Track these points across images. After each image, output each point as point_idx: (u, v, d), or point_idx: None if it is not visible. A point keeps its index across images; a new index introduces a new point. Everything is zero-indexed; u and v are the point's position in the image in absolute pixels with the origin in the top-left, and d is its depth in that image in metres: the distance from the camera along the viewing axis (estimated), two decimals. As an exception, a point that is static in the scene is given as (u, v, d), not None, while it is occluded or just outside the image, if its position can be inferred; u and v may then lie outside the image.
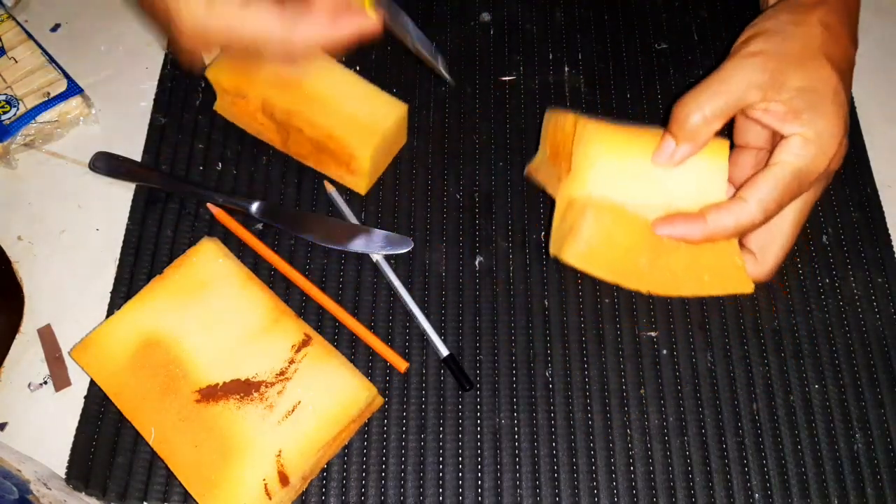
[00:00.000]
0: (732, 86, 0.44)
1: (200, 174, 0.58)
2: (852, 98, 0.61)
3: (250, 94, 0.55)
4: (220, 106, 0.59)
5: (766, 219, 0.45)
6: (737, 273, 0.48)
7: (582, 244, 0.47)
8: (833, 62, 0.44)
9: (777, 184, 0.44)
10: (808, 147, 0.43)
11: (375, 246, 0.54)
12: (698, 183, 0.47)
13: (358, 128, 0.53)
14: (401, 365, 0.51)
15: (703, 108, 0.44)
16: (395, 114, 0.55)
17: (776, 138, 0.45)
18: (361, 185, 0.56)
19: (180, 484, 0.46)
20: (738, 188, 0.45)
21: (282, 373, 0.47)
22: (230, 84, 0.56)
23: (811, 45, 0.44)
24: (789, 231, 0.48)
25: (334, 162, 0.55)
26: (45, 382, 0.52)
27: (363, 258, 0.54)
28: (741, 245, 0.49)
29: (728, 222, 0.45)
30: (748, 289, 0.49)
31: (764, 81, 0.44)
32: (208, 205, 0.55)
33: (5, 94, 0.59)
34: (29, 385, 0.52)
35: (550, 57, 0.63)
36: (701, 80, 0.45)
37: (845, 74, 0.45)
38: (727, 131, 0.49)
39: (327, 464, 0.48)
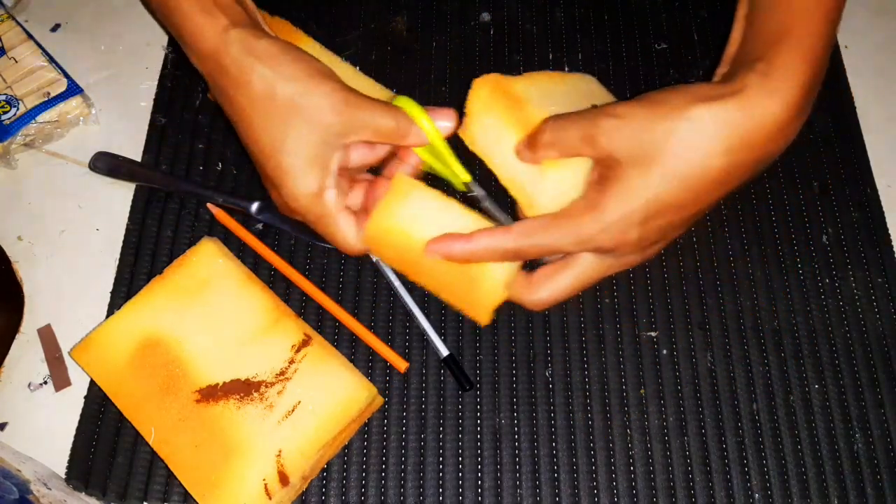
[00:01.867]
0: (578, 130, 0.42)
1: (200, 174, 0.58)
2: (852, 98, 0.61)
3: None
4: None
5: (521, 254, 0.44)
6: (482, 300, 0.47)
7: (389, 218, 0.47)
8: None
9: (546, 226, 0.43)
10: (597, 211, 0.41)
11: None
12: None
13: None
14: (401, 365, 0.51)
15: (554, 129, 0.44)
16: (383, 96, 0.55)
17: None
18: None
19: (180, 484, 0.46)
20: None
21: (282, 373, 0.47)
22: None
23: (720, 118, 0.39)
24: (567, 284, 0.45)
25: None
26: (45, 382, 0.52)
27: (363, 258, 0.54)
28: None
29: (487, 244, 0.44)
30: (483, 320, 0.48)
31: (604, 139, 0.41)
32: (208, 205, 0.55)
33: (5, 94, 0.59)
34: (29, 385, 0.52)
35: (550, 57, 0.63)
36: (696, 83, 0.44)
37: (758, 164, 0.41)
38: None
39: (327, 464, 0.48)
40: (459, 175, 0.49)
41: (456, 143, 0.49)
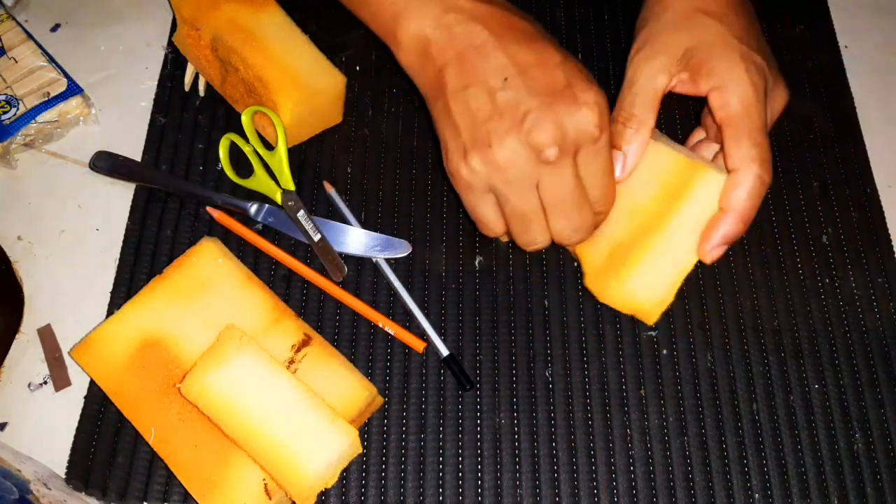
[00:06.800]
0: (642, 82, 0.46)
1: (200, 174, 0.58)
2: (852, 98, 0.61)
3: (204, 28, 0.56)
4: (178, 37, 0.59)
5: (763, 161, 0.45)
6: (300, 480, 0.43)
7: None
8: (707, 12, 0.46)
9: (738, 127, 0.45)
10: (722, 93, 0.45)
11: (374, 249, 0.54)
12: (647, 166, 0.48)
13: (289, 78, 0.54)
14: (418, 346, 0.51)
15: (631, 114, 0.46)
16: (331, 80, 0.56)
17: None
18: (281, 140, 0.55)
19: (180, 484, 0.46)
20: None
21: (282, 373, 0.47)
22: (189, 13, 0.56)
23: (681, 11, 0.47)
24: (752, 201, 0.46)
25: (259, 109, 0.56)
26: (45, 382, 0.52)
27: (363, 258, 0.54)
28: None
29: (741, 193, 0.45)
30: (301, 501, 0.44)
31: (662, 63, 0.46)
32: (208, 208, 0.55)
33: (5, 94, 0.59)
34: (29, 385, 0.52)
35: (550, 57, 0.63)
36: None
37: (726, 15, 0.47)
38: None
39: (327, 464, 0.48)
40: (284, 183, 0.54)
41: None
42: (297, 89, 0.54)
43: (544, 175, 0.43)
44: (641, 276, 0.48)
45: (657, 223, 0.47)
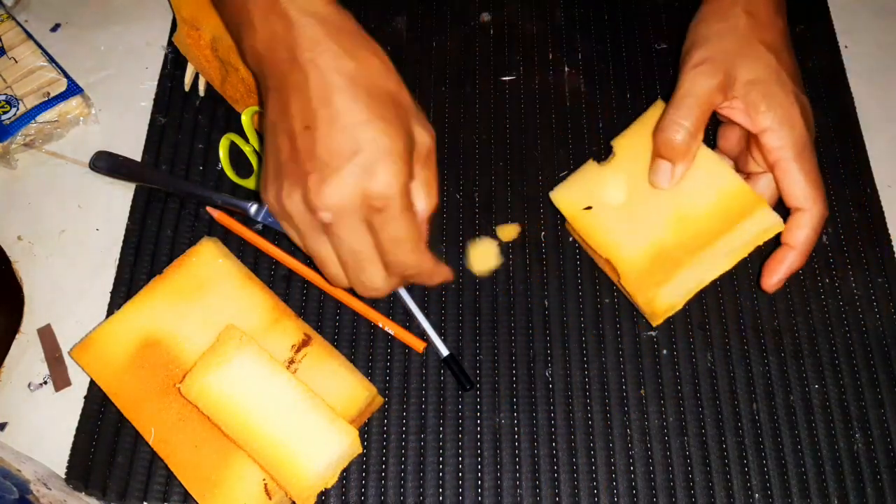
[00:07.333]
0: (698, 97, 0.47)
1: (200, 174, 0.58)
2: (852, 98, 0.61)
3: (204, 27, 0.56)
4: (178, 37, 0.59)
5: (823, 199, 0.47)
6: (300, 479, 0.43)
7: None
8: (766, 44, 0.48)
9: (798, 170, 0.46)
10: (780, 134, 0.46)
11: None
12: (705, 179, 0.48)
13: None
14: (418, 346, 0.51)
15: (683, 125, 0.47)
16: None
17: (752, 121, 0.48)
18: None
19: (180, 484, 0.46)
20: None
21: (282, 373, 0.47)
22: (189, 13, 0.56)
23: (744, 37, 0.48)
24: (811, 236, 0.48)
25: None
26: (45, 382, 0.52)
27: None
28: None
29: (807, 232, 0.47)
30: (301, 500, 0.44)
31: (720, 82, 0.47)
32: (208, 208, 0.55)
33: (5, 94, 0.59)
34: (29, 385, 0.52)
35: (550, 57, 0.63)
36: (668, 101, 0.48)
37: (781, 51, 0.48)
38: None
39: (327, 464, 0.48)
40: None
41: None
42: None
43: (326, 233, 0.42)
44: (676, 285, 0.48)
45: (707, 241, 0.48)
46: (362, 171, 0.39)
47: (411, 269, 0.43)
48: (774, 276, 0.48)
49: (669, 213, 0.49)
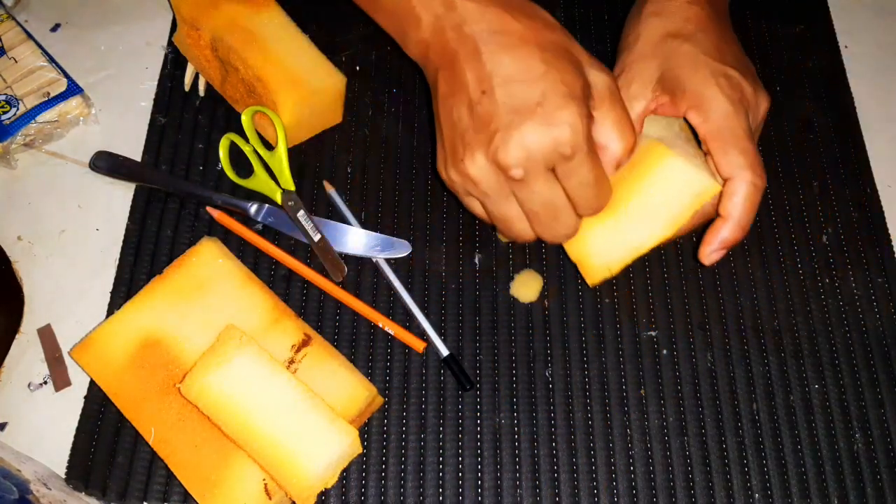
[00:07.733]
0: (633, 110, 0.48)
1: (200, 174, 0.58)
2: (852, 98, 0.61)
3: (204, 28, 0.56)
4: (178, 37, 0.59)
5: (754, 168, 0.45)
6: (300, 480, 0.43)
7: None
8: (679, 35, 0.48)
9: (721, 140, 0.45)
10: (698, 111, 0.46)
11: (374, 249, 0.54)
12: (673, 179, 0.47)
13: (289, 78, 0.54)
14: (418, 346, 0.51)
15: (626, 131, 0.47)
16: (331, 80, 0.56)
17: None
18: (281, 140, 0.55)
19: (180, 484, 0.46)
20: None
21: (282, 373, 0.47)
22: (189, 13, 0.57)
23: (652, 38, 0.48)
24: (749, 209, 0.46)
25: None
26: (45, 382, 0.52)
27: (363, 258, 0.54)
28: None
29: (739, 201, 0.45)
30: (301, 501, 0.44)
31: (636, 90, 0.48)
32: (208, 208, 0.55)
33: (5, 94, 0.59)
34: (29, 385, 0.52)
35: (550, 57, 0.63)
36: None
37: (693, 35, 0.48)
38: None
39: (327, 464, 0.48)
40: (284, 183, 0.55)
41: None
42: (297, 89, 0.54)
43: (516, 190, 0.43)
44: (607, 241, 0.47)
45: (624, 196, 0.47)
46: (546, 121, 0.41)
47: (599, 208, 0.46)
48: (707, 246, 0.46)
49: None
